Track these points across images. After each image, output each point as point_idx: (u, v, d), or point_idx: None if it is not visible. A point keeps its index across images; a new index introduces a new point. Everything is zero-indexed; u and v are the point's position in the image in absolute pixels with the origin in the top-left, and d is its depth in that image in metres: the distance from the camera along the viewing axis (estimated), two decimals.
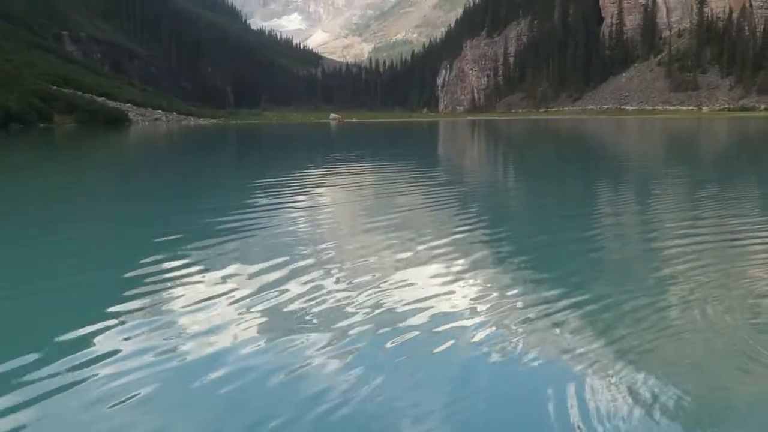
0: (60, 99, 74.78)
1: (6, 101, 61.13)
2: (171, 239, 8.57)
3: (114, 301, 5.73)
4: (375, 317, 5.26)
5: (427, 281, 6.32)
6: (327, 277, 6.45)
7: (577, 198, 13.77)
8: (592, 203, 12.95)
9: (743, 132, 49.93)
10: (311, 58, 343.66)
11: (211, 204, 12.66)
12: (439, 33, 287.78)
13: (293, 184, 16.25)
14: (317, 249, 7.88)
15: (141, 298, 5.85)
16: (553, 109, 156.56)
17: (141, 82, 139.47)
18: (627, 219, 10.61)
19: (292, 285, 6.18)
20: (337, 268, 6.86)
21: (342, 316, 5.29)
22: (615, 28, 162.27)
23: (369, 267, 6.90)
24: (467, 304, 5.62)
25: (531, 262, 7.33)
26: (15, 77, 71.51)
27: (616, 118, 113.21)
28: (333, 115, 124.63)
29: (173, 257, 7.40)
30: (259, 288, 6.10)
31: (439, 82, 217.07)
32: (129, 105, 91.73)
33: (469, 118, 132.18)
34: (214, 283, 6.31)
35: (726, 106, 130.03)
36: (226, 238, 8.60)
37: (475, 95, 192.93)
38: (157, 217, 11.31)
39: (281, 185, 15.70)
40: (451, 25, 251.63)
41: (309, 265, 6.95)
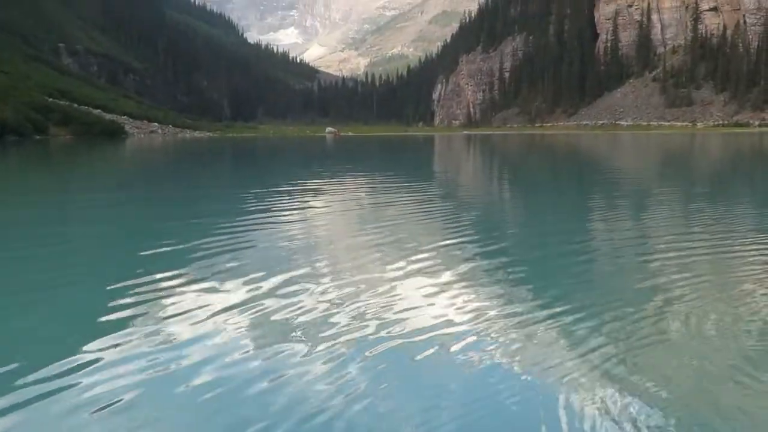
0: (56, 111, 74.80)
1: (2, 113, 61.08)
2: (161, 249, 8.59)
3: (101, 309, 5.77)
4: (362, 327, 5.28)
5: (415, 293, 6.35)
6: (316, 288, 6.48)
7: (569, 212, 13.78)
8: (584, 217, 13.00)
9: (737, 148, 50.16)
10: (308, 71, 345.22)
11: (203, 215, 12.68)
12: (435, 48, 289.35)
13: (287, 196, 16.27)
14: (307, 260, 7.91)
15: (130, 306, 5.87)
16: (549, 124, 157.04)
17: (137, 94, 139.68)
18: (619, 233, 10.62)
19: (281, 294, 6.22)
20: (328, 278, 6.90)
21: (329, 325, 5.32)
22: (610, 44, 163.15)
23: (359, 277, 6.93)
24: (454, 315, 5.64)
25: (521, 274, 7.37)
26: (11, 89, 71.50)
27: (611, 133, 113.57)
28: (329, 129, 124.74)
29: (162, 267, 7.41)
30: (249, 297, 6.14)
31: (435, 96, 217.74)
32: (125, 117, 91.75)
33: (465, 132, 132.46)
34: (202, 292, 6.35)
35: (720, 122, 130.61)
36: (217, 248, 8.61)
37: (471, 110, 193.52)
38: (149, 228, 11.32)
39: (275, 198, 15.72)
40: (447, 40, 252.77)
41: (298, 276, 6.98)
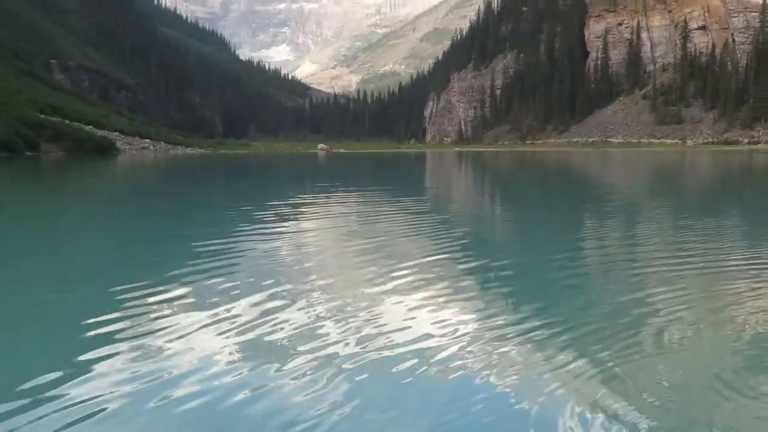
0: (47, 127, 74.62)
1: None
2: (150, 265, 8.70)
3: (90, 322, 5.80)
4: (347, 341, 5.31)
5: (403, 307, 6.39)
6: (303, 302, 6.52)
7: (559, 228, 13.84)
8: (573, 233, 13.03)
9: (727, 166, 50.44)
10: (299, 88, 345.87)
11: (194, 231, 12.68)
12: (427, 65, 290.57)
13: (278, 212, 16.28)
14: (295, 275, 7.98)
15: (119, 319, 5.90)
16: (540, 142, 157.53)
17: (129, 110, 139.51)
18: (608, 248, 10.71)
19: (268, 309, 6.26)
20: (315, 293, 6.95)
21: (314, 340, 5.35)
22: (600, 62, 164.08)
23: (346, 292, 6.97)
24: (440, 330, 5.66)
25: (509, 289, 7.42)
26: (2, 105, 71.32)
27: (601, 150, 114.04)
28: (321, 146, 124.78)
29: (151, 281, 7.45)
30: (236, 312, 6.17)
31: (427, 113, 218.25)
32: (116, 134, 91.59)
33: (457, 149, 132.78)
34: (189, 306, 6.39)
35: (710, 139, 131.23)
36: (205, 262, 8.64)
37: (462, 127, 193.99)
38: (138, 244, 11.34)
39: (266, 213, 15.77)
40: (439, 58, 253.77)
41: (286, 290, 7.03)
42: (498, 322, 5.88)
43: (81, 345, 5.23)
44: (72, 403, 4.13)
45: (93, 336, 5.49)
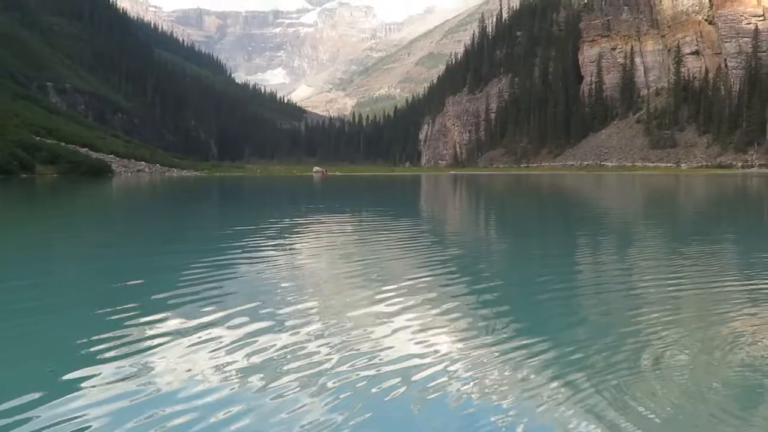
0: (43, 149, 74.68)
1: None
2: (144, 287, 8.66)
3: (81, 341, 5.80)
4: (338, 362, 5.31)
5: (392, 329, 6.37)
6: (294, 322, 6.53)
7: (553, 249, 13.84)
8: (566, 254, 13.00)
9: (721, 189, 50.68)
10: (295, 111, 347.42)
11: (187, 253, 12.66)
12: (422, 89, 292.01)
13: (273, 235, 16.34)
14: (288, 296, 7.96)
15: (111, 339, 5.88)
16: (534, 165, 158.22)
17: (125, 133, 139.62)
18: (601, 270, 10.72)
19: (260, 329, 6.26)
20: (306, 314, 6.95)
21: (304, 359, 5.35)
22: (594, 86, 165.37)
23: (338, 313, 6.97)
24: (428, 351, 5.65)
25: (501, 309, 7.41)
26: None
27: (596, 174, 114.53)
28: (316, 168, 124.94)
29: (141, 303, 7.47)
30: (226, 332, 6.17)
31: (422, 136, 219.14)
32: (112, 156, 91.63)
33: (452, 172, 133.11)
34: (178, 328, 6.38)
35: (704, 163, 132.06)
36: (199, 284, 8.62)
37: (457, 150, 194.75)
38: (133, 266, 11.25)
39: (261, 236, 15.78)
40: (434, 82, 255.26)
41: (276, 312, 7.02)
42: (485, 344, 5.87)
43: (67, 366, 5.22)
44: (56, 422, 4.13)
45: (79, 357, 5.48)
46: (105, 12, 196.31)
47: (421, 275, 9.68)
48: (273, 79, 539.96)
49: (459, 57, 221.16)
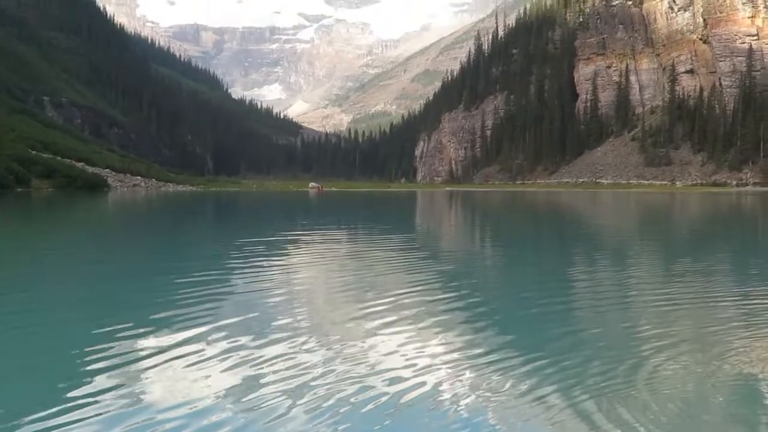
0: (39, 163, 74.59)
1: None
2: (136, 301, 8.75)
3: (74, 362, 5.82)
4: (332, 374, 5.34)
5: (385, 341, 6.43)
6: (290, 337, 6.56)
7: (548, 265, 13.88)
8: (562, 270, 13.02)
9: (715, 207, 50.81)
10: (291, 127, 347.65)
11: (182, 269, 12.61)
12: (418, 105, 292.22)
13: (269, 250, 16.31)
14: (284, 311, 7.99)
15: (106, 357, 5.90)
16: (530, 182, 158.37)
17: (121, 147, 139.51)
18: (597, 286, 10.74)
19: (256, 345, 6.29)
20: (302, 329, 6.99)
21: (297, 369, 5.40)
22: (590, 104, 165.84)
23: (335, 328, 7.01)
24: (425, 362, 5.70)
25: (497, 323, 7.46)
26: None
27: (591, 191, 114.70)
28: (312, 184, 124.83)
29: (135, 320, 7.47)
30: (225, 348, 6.20)
31: (418, 153, 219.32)
32: (108, 170, 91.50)
33: (447, 189, 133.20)
34: (172, 344, 6.39)
35: (699, 181, 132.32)
36: (194, 299, 8.64)
37: (453, 166, 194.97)
38: (127, 282, 11.28)
39: (257, 251, 15.73)
40: (430, 98, 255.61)
41: (274, 326, 7.06)
42: (475, 358, 5.92)
43: (63, 383, 5.23)
44: None
45: (76, 373, 5.49)
46: (102, 27, 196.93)
47: (414, 290, 9.72)
48: (269, 95, 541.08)
49: (455, 74, 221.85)
